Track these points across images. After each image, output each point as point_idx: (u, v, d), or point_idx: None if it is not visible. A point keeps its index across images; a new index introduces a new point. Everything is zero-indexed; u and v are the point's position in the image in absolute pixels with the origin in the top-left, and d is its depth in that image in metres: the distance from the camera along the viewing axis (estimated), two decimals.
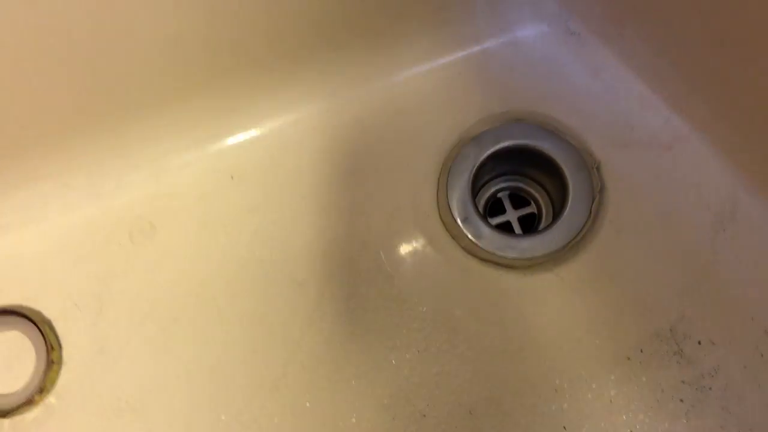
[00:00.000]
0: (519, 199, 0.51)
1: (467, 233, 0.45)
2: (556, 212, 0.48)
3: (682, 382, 0.41)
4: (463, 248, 0.45)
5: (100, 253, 0.45)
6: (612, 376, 0.42)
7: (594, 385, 0.42)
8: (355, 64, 0.47)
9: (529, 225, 0.50)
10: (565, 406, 0.41)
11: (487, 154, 0.47)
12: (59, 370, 0.43)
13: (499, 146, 0.47)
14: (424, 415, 0.42)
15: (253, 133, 0.47)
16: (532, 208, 0.50)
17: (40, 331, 0.43)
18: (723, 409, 0.40)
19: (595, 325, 0.43)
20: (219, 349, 0.43)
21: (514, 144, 0.48)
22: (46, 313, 0.44)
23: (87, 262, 0.45)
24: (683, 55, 0.44)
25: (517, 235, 0.47)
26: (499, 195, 0.51)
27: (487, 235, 0.45)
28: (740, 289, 0.42)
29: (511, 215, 0.50)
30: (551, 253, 0.44)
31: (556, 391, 0.42)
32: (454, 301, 0.44)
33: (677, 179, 0.45)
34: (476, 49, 0.48)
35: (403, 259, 0.45)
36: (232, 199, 0.47)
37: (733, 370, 0.41)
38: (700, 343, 0.42)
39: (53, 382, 0.43)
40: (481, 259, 0.45)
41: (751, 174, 0.43)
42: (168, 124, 0.45)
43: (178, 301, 0.44)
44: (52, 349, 0.43)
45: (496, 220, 0.50)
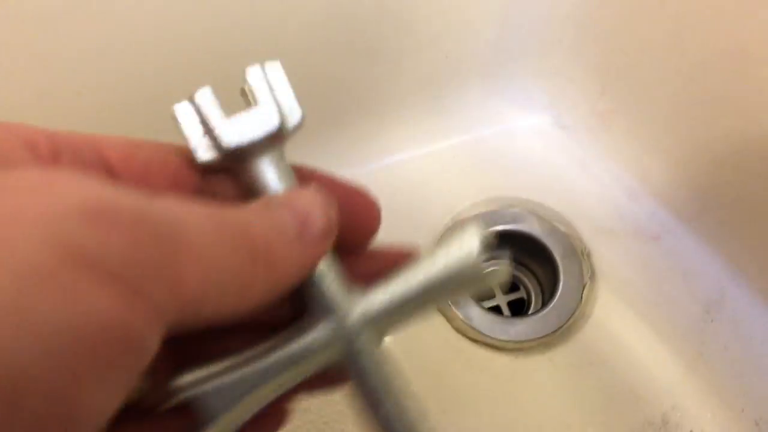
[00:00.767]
0: (508, 284, 0.51)
1: (459, 314, 0.45)
2: (546, 298, 0.48)
3: None
4: (455, 329, 0.45)
5: None
6: None
7: None
8: (355, 145, 0.48)
9: (518, 310, 0.50)
10: None
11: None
12: None
13: (491, 230, 0.48)
14: None
15: None
16: (521, 294, 0.51)
17: None
18: None
19: (586, 410, 0.42)
20: None
21: (506, 229, 0.49)
22: None
23: None
24: (670, 150, 0.46)
25: (509, 318, 0.47)
26: None
27: (479, 317, 0.45)
28: (730, 379, 0.42)
29: (501, 299, 0.50)
30: (543, 337, 0.44)
31: None
32: (445, 381, 0.43)
33: (666, 269, 0.46)
34: (470, 136, 0.50)
35: (394, 337, 0.44)
36: None
37: None
38: None
39: None
40: (472, 340, 0.45)
41: (738, 265, 0.44)
42: None
43: None
44: None
45: (486, 304, 0.50)
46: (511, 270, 0.28)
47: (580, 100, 0.49)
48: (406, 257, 0.23)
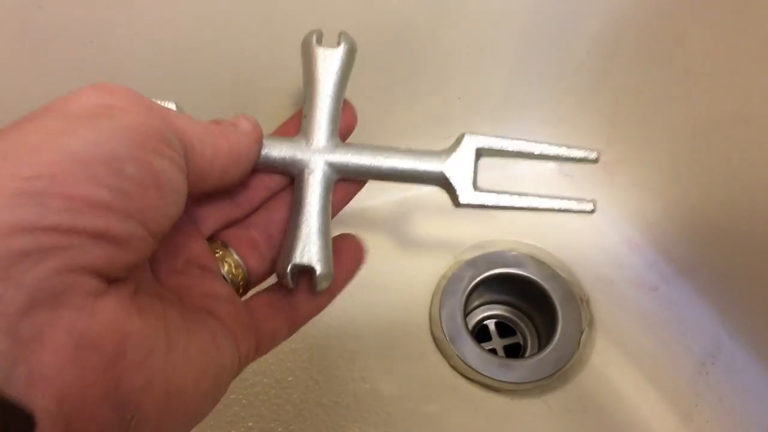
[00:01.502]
0: (505, 328, 0.51)
1: (457, 352, 0.45)
2: (543, 343, 0.48)
3: None
4: (453, 367, 0.45)
5: None
6: None
7: None
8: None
9: (514, 355, 0.50)
10: None
11: (481, 277, 0.48)
12: None
13: (492, 272, 0.49)
14: None
15: None
16: (517, 339, 0.51)
17: None
18: None
19: None
20: None
21: (506, 272, 0.49)
22: None
23: None
24: (671, 202, 0.47)
25: (507, 359, 0.47)
26: (485, 322, 0.52)
27: (477, 357, 0.45)
28: (723, 430, 0.42)
29: (497, 343, 0.51)
30: (539, 380, 0.44)
31: None
32: (440, 419, 0.43)
33: (663, 320, 0.46)
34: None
35: (391, 372, 0.44)
36: None
37: None
38: None
39: None
40: (469, 379, 0.45)
41: (734, 319, 0.45)
42: None
43: None
44: None
45: (483, 346, 0.50)
46: None
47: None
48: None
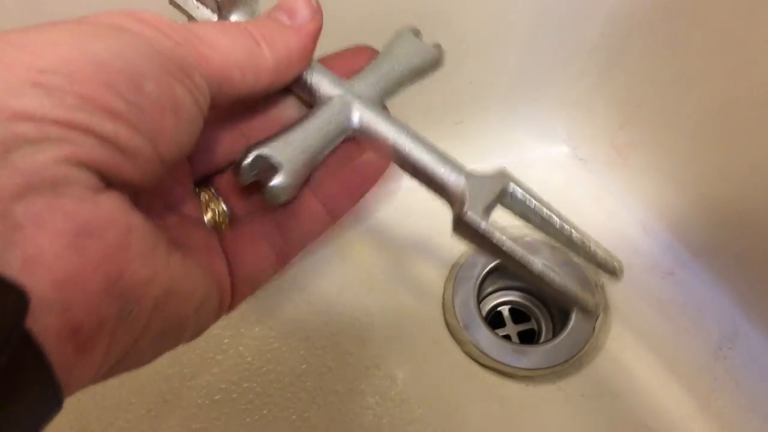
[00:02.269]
0: (519, 314, 0.51)
1: (470, 339, 0.45)
2: (557, 329, 0.48)
3: None
4: (467, 353, 0.45)
5: None
6: None
7: None
8: None
9: (528, 342, 0.50)
10: None
11: (494, 263, 0.48)
12: None
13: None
14: None
15: None
16: (531, 325, 0.51)
17: None
18: None
19: None
20: None
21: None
22: None
23: None
24: (686, 185, 0.46)
25: (521, 345, 0.47)
26: (499, 308, 0.51)
27: (491, 343, 0.45)
28: (741, 416, 0.42)
29: (511, 329, 0.50)
30: (554, 366, 0.44)
31: None
32: (454, 406, 0.43)
33: (678, 304, 0.46)
34: (486, 164, 0.49)
35: (405, 360, 0.44)
36: None
37: None
38: None
39: None
40: (483, 365, 0.44)
41: (750, 303, 0.44)
42: None
43: (170, 384, 0.43)
44: None
45: (497, 332, 0.50)
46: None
47: (599, 133, 0.50)
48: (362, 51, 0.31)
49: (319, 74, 0.28)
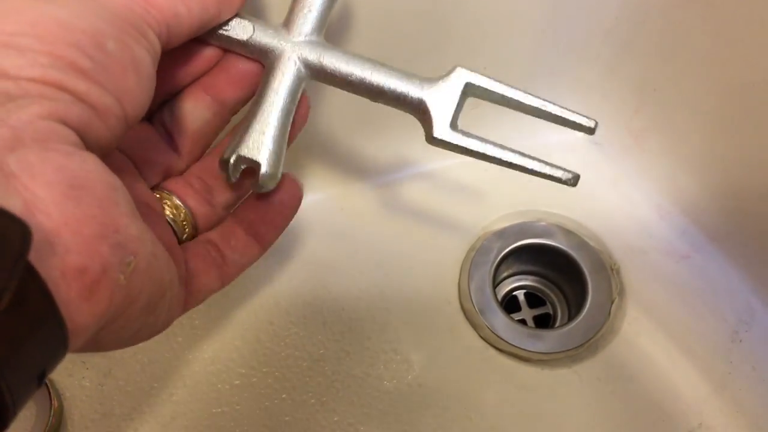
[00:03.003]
0: (534, 299, 0.51)
1: (486, 323, 0.45)
2: (573, 313, 0.48)
3: None
4: (482, 338, 0.45)
5: None
6: None
7: None
8: (391, 151, 0.49)
9: (543, 326, 0.50)
10: None
11: (509, 248, 0.48)
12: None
13: (521, 242, 0.48)
14: None
15: None
16: (547, 309, 0.51)
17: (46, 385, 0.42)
18: None
19: (611, 425, 0.42)
20: (228, 418, 0.42)
21: (534, 242, 0.49)
22: None
23: None
24: (702, 169, 0.46)
25: (537, 329, 0.47)
26: (515, 293, 0.52)
27: (507, 327, 0.45)
28: (757, 399, 0.42)
29: (527, 314, 0.51)
30: (570, 350, 0.44)
31: None
32: (471, 390, 0.43)
33: (694, 288, 0.46)
34: None
35: (422, 344, 0.45)
36: (254, 272, 0.47)
37: None
38: None
39: None
40: (499, 350, 0.45)
41: (766, 286, 0.44)
42: None
43: (191, 369, 0.44)
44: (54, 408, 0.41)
45: (513, 317, 0.50)
46: None
47: (615, 117, 0.50)
48: None
49: (252, 26, 0.29)
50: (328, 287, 0.47)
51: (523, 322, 0.50)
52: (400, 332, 0.45)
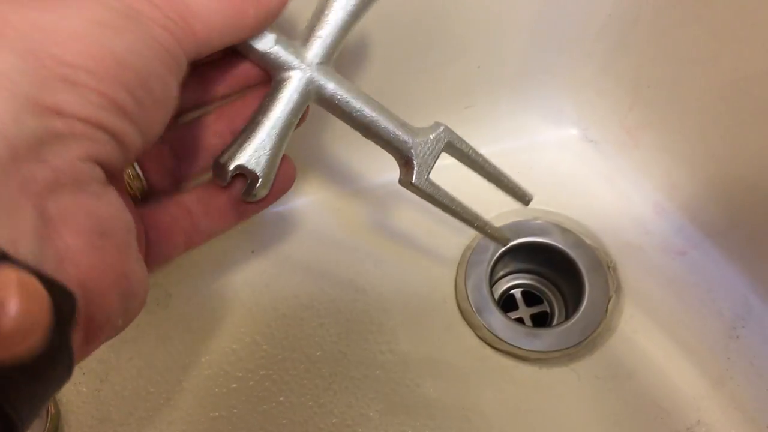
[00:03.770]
0: (532, 297, 0.51)
1: (484, 323, 0.45)
2: (570, 311, 0.48)
3: None
4: (480, 337, 0.45)
5: None
6: None
7: None
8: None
9: (541, 324, 0.50)
10: None
11: (505, 247, 0.48)
12: None
13: (517, 241, 0.48)
14: None
15: (278, 208, 0.48)
16: (544, 307, 0.51)
17: None
18: None
19: (609, 423, 0.42)
20: (225, 422, 0.42)
21: (531, 241, 0.49)
22: None
23: None
24: (698, 165, 0.46)
25: (534, 328, 0.47)
26: (512, 291, 0.52)
27: (504, 327, 0.45)
28: (755, 395, 0.42)
29: (524, 312, 0.50)
30: (567, 349, 0.44)
31: None
32: (469, 390, 0.43)
33: (691, 284, 0.46)
34: (498, 147, 0.50)
35: (419, 344, 0.45)
36: (250, 275, 0.47)
37: None
38: None
39: None
40: (497, 349, 0.45)
41: (764, 281, 0.44)
42: None
43: (188, 373, 0.43)
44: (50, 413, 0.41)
45: (510, 315, 0.50)
46: None
47: (609, 114, 0.50)
48: None
49: (272, 37, 0.29)
50: (324, 289, 0.46)
51: (520, 321, 0.50)
52: (398, 333, 0.45)
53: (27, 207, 0.18)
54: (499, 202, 0.50)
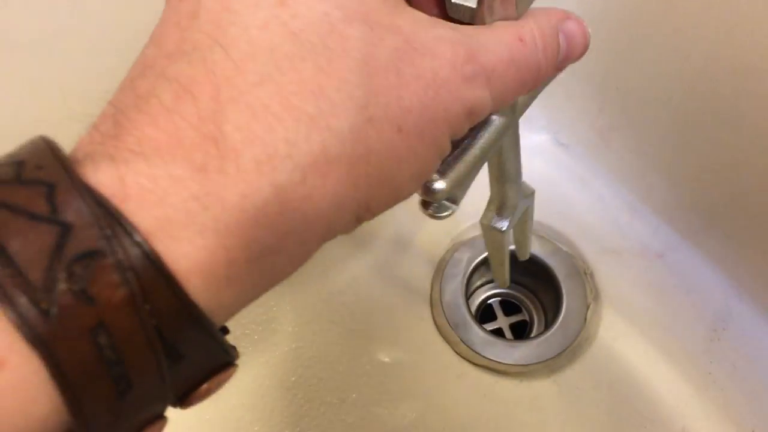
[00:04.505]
0: (510, 306, 0.50)
1: (461, 338, 0.44)
2: (549, 319, 0.47)
3: None
4: (458, 353, 0.44)
5: None
6: None
7: None
8: None
9: (520, 333, 0.49)
10: None
11: (480, 258, 0.47)
12: None
13: None
14: None
15: None
16: (523, 316, 0.50)
17: None
18: None
19: None
20: None
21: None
22: None
23: None
24: (671, 166, 0.45)
25: (513, 340, 0.46)
26: (489, 301, 0.51)
27: (482, 341, 0.44)
28: (739, 398, 0.41)
29: (503, 322, 0.49)
30: (547, 360, 0.43)
31: None
32: (448, 407, 0.42)
33: (670, 287, 0.45)
34: None
35: (395, 365, 0.44)
36: None
37: None
38: None
39: None
40: (475, 364, 0.44)
41: (743, 281, 0.43)
42: None
43: None
44: None
45: (488, 326, 0.49)
46: None
47: (579, 117, 0.49)
48: None
49: None
50: (297, 311, 0.45)
51: (499, 331, 0.49)
52: (373, 355, 0.44)
53: None
54: (474, 212, 0.49)
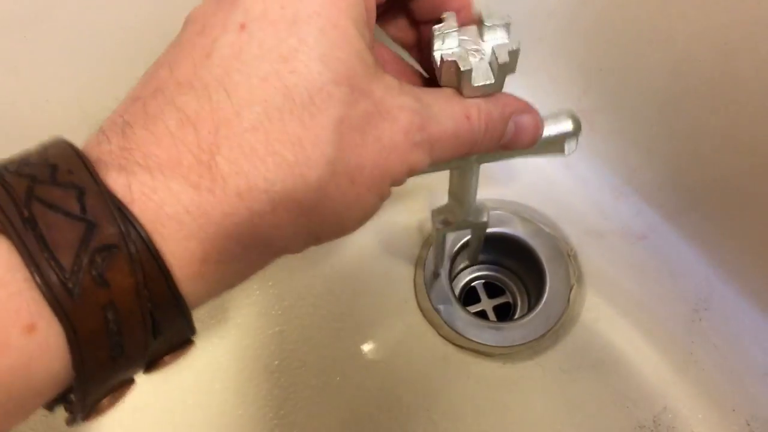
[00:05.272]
0: (494, 288, 0.50)
1: (446, 320, 0.44)
2: (533, 301, 0.47)
3: None
4: (442, 336, 0.44)
5: None
6: None
7: None
8: None
9: (504, 315, 0.49)
10: None
11: (464, 240, 0.47)
12: None
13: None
14: None
15: None
16: (507, 298, 0.50)
17: None
18: None
19: (576, 415, 0.42)
20: None
21: (490, 231, 0.48)
22: None
23: None
24: (655, 148, 0.45)
25: (497, 322, 0.46)
26: (473, 284, 0.51)
27: (466, 323, 0.44)
28: (720, 378, 0.42)
29: (486, 304, 0.49)
30: (531, 342, 0.43)
31: None
32: (433, 389, 0.42)
33: (652, 268, 0.45)
34: None
35: (380, 348, 0.44)
36: None
37: None
38: None
39: None
40: (459, 346, 0.44)
41: (725, 263, 0.44)
42: None
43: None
44: None
45: (472, 309, 0.49)
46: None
47: (563, 99, 0.48)
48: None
49: None
50: (281, 295, 0.45)
51: (483, 314, 0.49)
52: (357, 337, 0.44)
53: None
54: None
